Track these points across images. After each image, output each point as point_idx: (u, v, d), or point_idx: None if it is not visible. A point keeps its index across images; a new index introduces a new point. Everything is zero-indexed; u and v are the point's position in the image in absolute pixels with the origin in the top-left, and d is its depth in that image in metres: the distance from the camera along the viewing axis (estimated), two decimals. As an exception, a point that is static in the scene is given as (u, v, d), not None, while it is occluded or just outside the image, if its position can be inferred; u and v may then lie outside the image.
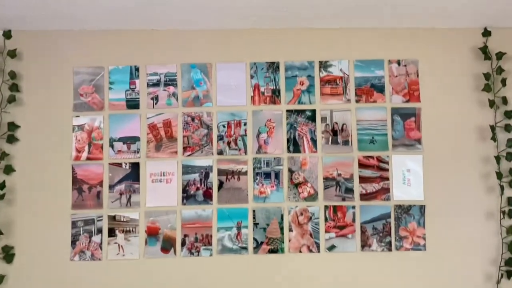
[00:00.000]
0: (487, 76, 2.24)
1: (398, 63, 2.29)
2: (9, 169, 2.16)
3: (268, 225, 2.20)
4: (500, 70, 2.23)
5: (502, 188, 2.18)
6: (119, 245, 2.17)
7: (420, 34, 2.30)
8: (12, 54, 2.20)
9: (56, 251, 2.16)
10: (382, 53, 2.30)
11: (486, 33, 2.27)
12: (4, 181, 2.14)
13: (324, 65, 2.28)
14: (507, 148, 2.20)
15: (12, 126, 2.19)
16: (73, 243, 2.16)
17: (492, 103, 2.22)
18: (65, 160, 2.20)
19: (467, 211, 2.22)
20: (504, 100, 2.24)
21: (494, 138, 2.21)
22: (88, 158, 2.21)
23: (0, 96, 2.18)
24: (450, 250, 2.19)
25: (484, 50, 2.26)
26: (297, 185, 2.22)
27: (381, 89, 2.27)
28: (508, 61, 2.26)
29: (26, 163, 2.19)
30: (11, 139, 2.18)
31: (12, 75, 2.19)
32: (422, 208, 2.21)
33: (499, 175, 2.18)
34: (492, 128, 2.21)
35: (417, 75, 2.29)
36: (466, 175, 2.24)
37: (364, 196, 2.22)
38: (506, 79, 2.23)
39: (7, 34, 2.22)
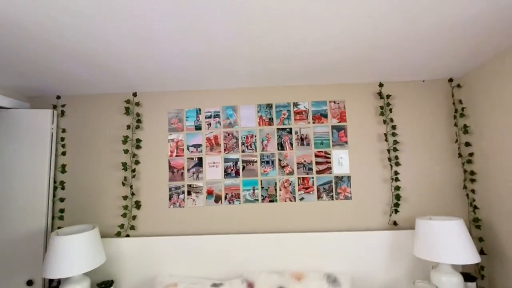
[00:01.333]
0: (381, 108, 4.29)
1: (334, 102, 4.37)
2: (137, 162, 4.31)
3: (268, 188, 4.26)
4: (388, 104, 4.28)
5: (391, 166, 4.20)
6: (192, 199, 4.27)
7: (346, 86, 4.38)
8: (138, 104, 4.39)
9: (161, 203, 4.27)
10: (325, 96, 4.39)
11: (381, 84, 4.34)
12: (134, 169, 4.30)
13: (295, 104, 4.38)
14: (392, 145, 4.23)
15: (138, 141, 4.35)
16: (170, 198, 4.27)
17: (384, 121, 4.27)
18: (165, 157, 4.34)
19: (373, 178, 4.22)
20: (391, 120, 4.27)
21: (386, 140, 4.24)
22: (176, 155, 4.34)
23: (131, 127, 4.36)
24: (364, 199, 4.20)
25: (380, 94, 4.32)
26: (283, 167, 4.28)
27: (326, 116, 4.35)
28: (393, 100, 4.31)
29: (146, 159, 4.33)
30: (138, 147, 4.34)
31: (138, 115, 4.38)
32: (349, 178, 4.23)
33: (389, 159, 4.20)
34: (385, 134, 4.25)
35: (345, 108, 4.36)
36: (372, 160, 4.26)
37: (318, 172, 4.26)
38: (392, 109, 4.27)
39: (134, 94, 4.42)
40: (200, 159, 4.32)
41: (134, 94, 4.38)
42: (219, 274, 3.79)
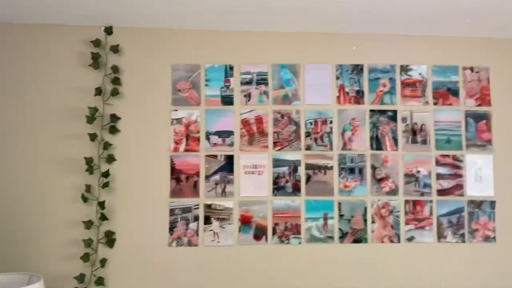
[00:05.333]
0: (552, 84, 2.44)
1: (471, 69, 2.48)
2: (111, 159, 2.28)
3: (352, 216, 2.36)
4: None
5: None
6: (214, 232, 2.31)
7: (491, 43, 2.49)
8: (115, 49, 2.32)
9: (155, 237, 2.29)
10: (456, 59, 2.48)
11: (551, 44, 2.47)
12: (108, 170, 2.26)
13: (404, 69, 2.45)
14: None
15: (114, 117, 2.31)
16: (171, 229, 2.30)
17: (556, 109, 2.42)
18: (164, 151, 2.33)
19: (533, 207, 2.41)
20: None
21: (558, 141, 2.41)
22: (185, 150, 2.34)
23: (103, 89, 2.30)
24: (517, 242, 2.39)
25: (549, 60, 2.46)
26: (379, 180, 2.39)
27: (456, 93, 2.46)
28: None
29: (127, 153, 2.31)
30: (113, 130, 2.30)
31: (115, 69, 2.31)
32: (492, 204, 2.40)
33: None
34: (557, 131, 2.42)
35: (488, 82, 2.48)
36: (532, 174, 2.43)
37: (441, 192, 2.40)
38: None
39: (109, 30, 2.33)
40: (230, 159, 2.34)
41: (108, 30, 2.31)
42: None
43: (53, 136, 2.27)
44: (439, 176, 2.41)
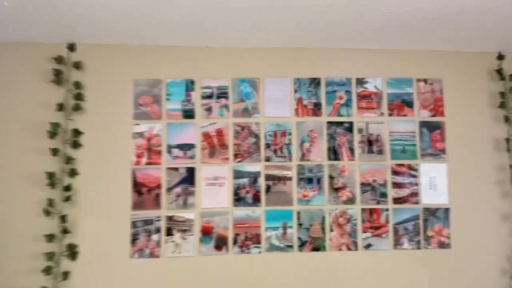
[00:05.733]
0: (502, 94, 2.54)
1: (425, 81, 2.57)
2: (73, 173, 2.33)
3: (311, 225, 2.43)
4: (513, 90, 2.54)
5: (516, 193, 2.48)
6: (176, 243, 2.36)
7: (444, 56, 2.59)
8: (78, 65, 2.37)
9: (117, 249, 2.33)
10: (411, 72, 2.57)
11: (501, 57, 2.58)
12: (70, 184, 2.30)
13: (360, 82, 2.54)
14: (519, 158, 2.51)
15: (77, 132, 2.36)
16: (133, 241, 2.34)
17: (506, 119, 2.52)
18: (126, 165, 2.38)
19: (485, 214, 2.50)
20: (517, 116, 2.54)
21: (508, 149, 2.50)
22: (147, 163, 2.39)
23: (65, 104, 2.35)
24: (471, 248, 2.47)
25: (500, 72, 2.56)
26: (336, 190, 2.46)
27: (410, 104, 2.55)
28: (520, 82, 2.57)
29: (89, 167, 2.36)
30: (76, 145, 2.35)
31: (77, 85, 2.37)
32: (446, 211, 2.48)
33: (513, 182, 2.48)
34: (507, 140, 2.51)
35: (441, 93, 2.57)
36: (484, 182, 2.52)
37: (397, 200, 2.47)
38: (518, 98, 2.54)
39: (71, 47, 2.39)
40: (192, 172, 2.39)
41: (71, 47, 2.37)
42: None
43: (16, 151, 2.31)
44: (395, 185, 2.49)
